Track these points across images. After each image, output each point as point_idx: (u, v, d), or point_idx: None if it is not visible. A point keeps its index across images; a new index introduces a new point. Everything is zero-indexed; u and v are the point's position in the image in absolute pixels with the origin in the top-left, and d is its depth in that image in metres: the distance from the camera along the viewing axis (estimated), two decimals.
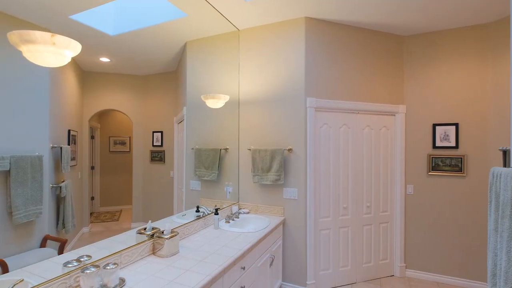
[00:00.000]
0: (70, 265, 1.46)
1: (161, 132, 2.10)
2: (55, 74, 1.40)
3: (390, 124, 3.35)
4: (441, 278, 3.20)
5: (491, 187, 1.45)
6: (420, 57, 3.33)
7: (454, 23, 3.05)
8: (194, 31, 2.49)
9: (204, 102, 2.69)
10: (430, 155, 3.24)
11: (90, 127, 1.65)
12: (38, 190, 1.33)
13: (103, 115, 1.72)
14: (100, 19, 1.61)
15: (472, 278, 3.08)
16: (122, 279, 1.55)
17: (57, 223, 1.43)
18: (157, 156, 2.08)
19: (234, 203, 3.16)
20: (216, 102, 2.84)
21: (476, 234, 3.07)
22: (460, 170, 3.11)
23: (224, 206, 2.96)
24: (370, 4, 2.63)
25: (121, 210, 1.81)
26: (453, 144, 3.15)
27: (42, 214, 1.34)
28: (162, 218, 2.15)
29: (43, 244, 1.35)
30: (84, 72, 1.58)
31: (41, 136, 1.33)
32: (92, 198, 1.66)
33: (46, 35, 1.30)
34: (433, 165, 3.22)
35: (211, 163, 2.77)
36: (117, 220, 1.76)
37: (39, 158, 1.33)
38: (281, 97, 3.01)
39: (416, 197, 3.33)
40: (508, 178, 1.32)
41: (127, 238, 1.81)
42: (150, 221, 2.02)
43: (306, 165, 2.90)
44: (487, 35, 3.03)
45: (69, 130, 1.50)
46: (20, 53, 1.24)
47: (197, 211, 2.57)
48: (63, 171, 1.46)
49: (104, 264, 1.49)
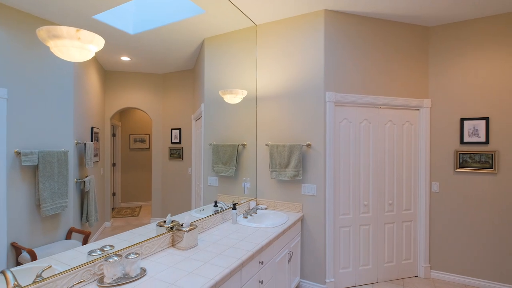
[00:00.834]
0: (94, 254, 1.51)
1: (179, 129, 2.13)
2: (78, 74, 1.44)
3: (414, 119, 3.21)
4: (469, 280, 3.03)
5: None
6: (447, 48, 3.17)
7: (486, 10, 2.87)
8: (212, 28, 2.50)
9: (222, 98, 2.69)
10: (457, 151, 3.08)
11: (112, 125, 1.69)
12: (64, 184, 1.38)
13: (123, 113, 1.76)
14: (121, 18, 1.65)
15: (503, 281, 2.90)
16: (143, 269, 1.58)
17: (81, 217, 1.48)
18: (176, 153, 2.11)
19: (252, 199, 3.16)
20: (234, 97, 2.84)
21: (508, 235, 2.88)
22: (491, 167, 2.93)
23: (242, 201, 2.96)
24: None
25: (140, 206, 1.85)
26: (482, 139, 2.97)
27: (67, 207, 1.39)
28: (180, 213, 2.18)
29: (68, 236, 1.40)
30: (106, 72, 1.62)
31: (66, 132, 1.38)
32: (114, 194, 1.71)
33: (72, 30, 1.34)
34: (461, 161, 3.06)
35: (229, 158, 2.78)
36: (137, 216, 1.80)
37: (65, 154, 1.38)
38: (300, 91, 2.96)
39: (442, 195, 3.17)
40: None
41: (147, 231, 1.84)
42: (169, 214, 2.05)
43: (325, 160, 2.84)
44: None
45: (92, 127, 1.55)
46: (46, 54, 1.29)
47: (215, 206, 2.59)
48: (86, 167, 1.51)
49: (126, 253, 1.53)
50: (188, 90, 2.19)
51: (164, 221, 2.01)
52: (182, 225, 1.99)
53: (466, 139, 3.04)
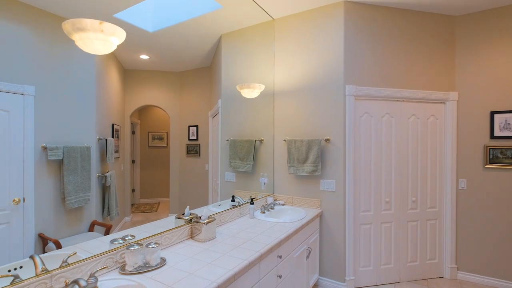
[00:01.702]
0: (116, 243, 1.54)
1: (196, 126, 2.14)
2: (100, 72, 1.48)
3: (439, 113, 3.07)
4: (499, 282, 2.86)
5: None
6: (475, 38, 3.00)
7: None
8: (229, 23, 2.49)
9: (239, 93, 2.68)
10: (487, 146, 2.91)
11: (131, 123, 1.72)
12: (86, 178, 1.42)
13: (142, 111, 1.79)
14: (140, 16, 1.67)
15: None
16: (163, 259, 1.60)
17: (103, 210, 1.51)
18: (193, 149, 2.12)
19: (269, 195, 3.13)
20: (251, 92, 2.83)
21: None
22: None
23: (259, 197, 2.95)
24: None
25: (159, 202, 1.87)
26: None
27: (90, 200, 1.43)
28: (197, 208, 2.19)
29: (91, 228, 1.44)
30: (126, 71, 1.65)
31: (89, 128, 1.42)
32: (133, 190, 1.74)
33: (95, 22, 1.38)
34: (491, 157, 2.89)
35: (246, 154, 2.77)
36: (156, 211, 1.82)
37: (87, 149, 1.42)
38: (318, 85, 2.90)
39: (470, 193, 3.01)
40: None
41: (166, 224, 1.87)
42: (188, 206, 2.07)
43: (345, 156, 2.77)
44: None
45: (112, 124, 1.58)
46: (70, 54, 1.33)
47: (233, 200, 2.59)
48: (108, 162, 1.54)
49: (147, 243, 1.55)
50: (205, 87, 2.20)
51: (183, 214, 2.03)
52: (200, 218, 2.00)
53: (497, 133, 2.87)
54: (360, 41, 2.82)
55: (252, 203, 2.60)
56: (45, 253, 1.25)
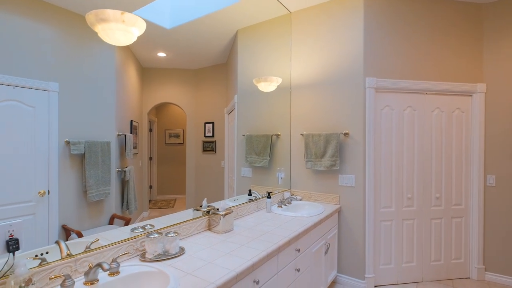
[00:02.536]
0: (136, 231, 1.57)
1: (212, 123, 2.14)
2: (119, 70, 1.51)
3: (465, 106, 2.92)
4: None
5: None
6: (505, 26, 2.83)
7: None
8: (246, 18, 2.48)
9: (256, 88, 2.67)
10: None
11: (149, 120, 1.75)
12: (107, 173, 1.45)
13: (159, 109, 1.82)
14: (158, 13, 1.69)
15: None
16: (182, 248, 1.61)
17: (122, 204, 1.54)
18: (209, 146, 2.13)
19: (286, 190, 3.10)
20: (268, 85, 2.81)
21: None
22: None
23: (276, 192, 2.92)
24: None
25: (175, 199, 1.89)
26: None
27: (110, 194, 1.46)
28: (214, 202, 2.20)
29: (110, 221, 1.47)
30: (144, 69, 1.67)
31: (109, 124, 1.45)
32: (150, 187, 1.76)
33: (117, 13, 1.40)
34: None
35: (263, 149, 2.75)
36: (172, 207, 1.84)
37: (108, 144, 1.45)
38: (337, 78, 2.84)
39: (499, 189, 2.85)
40: None
41: (184, 216, 1.88)
42: (205, 199, 2.08)
43: (365, 150, 2.69)
44: None
45: (131, 121, 1.61)
46: (92, 52, 1.36)
47: (249, 194, 2.58)
48: (126, 157, 1.57)
49: (166, 232, 1.57)
50: (221, 84, 2.20)
51: (200, 206, 2.03)
52: (218, 210, 2.00)
53: None
54: (381, 32, 2.73)
55: (269, 197, 2.58)
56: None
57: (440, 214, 2.87)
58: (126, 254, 1.35)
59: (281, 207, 2.70)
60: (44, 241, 1.19)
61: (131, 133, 1.61)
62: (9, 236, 1.07)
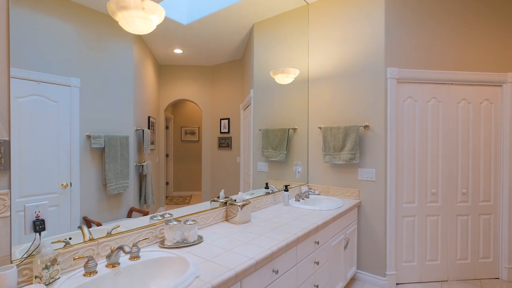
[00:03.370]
0: (155, 219, 1.58)
1: (228, 119, 2.14)
2: (137, 66, 1.53)
3: (494, 97, 2.77)
4: None
5: None
6: None
7: None
8: (262, 11, 2.45)
9: (272, 81, 2.63)
10: None
11: (165, 118, 1.76)
12: (125, 166, 1.47)
13: (175, 106, 1.83)
14: (175, 9, 1.69)
15: None
16: (200, 236, 1.61)
17: (140, 198, 1.56)
18: (224, 142, 2.12)
19: (303, 184, 3.05)
20: (285, 77, 2.77)
21: None
22: None
23: (293, 186, 2.88)
24: None
25: (191, 195, 1.90)
26: None
27: (128, 188, 1.48)
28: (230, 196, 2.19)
29: (129, 214, 1.49)
30: (160, 66, 1.69)
31: (127, 119, 1.47)
32: (167, 183, 1.77)
33: (137, 0, 1.41)
34: None
35: (279, 143, 2.71)
36: (188, 203, 1.85)
37: (126, 138, 1.47)
38: (356, 70, 2.76)
39: None
40: None
41: (202, 207, 1.88)
42: (223, 190, 2.07)
43: (386, 143, 2.60)
44: None
45: (149, 117, 1.63)
46: (111, 49, 1.38)
47: (266, 187, 2.55)
48: (144, 152, 1.59)
49: (184, 220, 1.57)
50: (236, 80, 2.19)
51: (218, 197, 2.03)
52: (235, 201, 1.99)
53: None
54: (403, 20, 2.62)
55: (286, 190, 2.55)
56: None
57: (467, 211, 2.73)
58: (146, 239, 1.36)
59: (299, 200, 2.65)
60: (67, 231, 1.23)
61: (148, 128, 1.63)
62: (36, 217, 1.10)
